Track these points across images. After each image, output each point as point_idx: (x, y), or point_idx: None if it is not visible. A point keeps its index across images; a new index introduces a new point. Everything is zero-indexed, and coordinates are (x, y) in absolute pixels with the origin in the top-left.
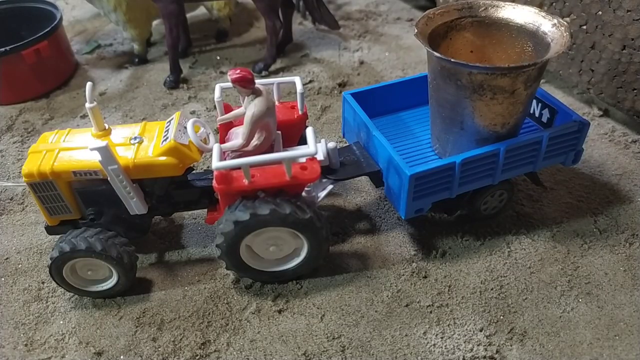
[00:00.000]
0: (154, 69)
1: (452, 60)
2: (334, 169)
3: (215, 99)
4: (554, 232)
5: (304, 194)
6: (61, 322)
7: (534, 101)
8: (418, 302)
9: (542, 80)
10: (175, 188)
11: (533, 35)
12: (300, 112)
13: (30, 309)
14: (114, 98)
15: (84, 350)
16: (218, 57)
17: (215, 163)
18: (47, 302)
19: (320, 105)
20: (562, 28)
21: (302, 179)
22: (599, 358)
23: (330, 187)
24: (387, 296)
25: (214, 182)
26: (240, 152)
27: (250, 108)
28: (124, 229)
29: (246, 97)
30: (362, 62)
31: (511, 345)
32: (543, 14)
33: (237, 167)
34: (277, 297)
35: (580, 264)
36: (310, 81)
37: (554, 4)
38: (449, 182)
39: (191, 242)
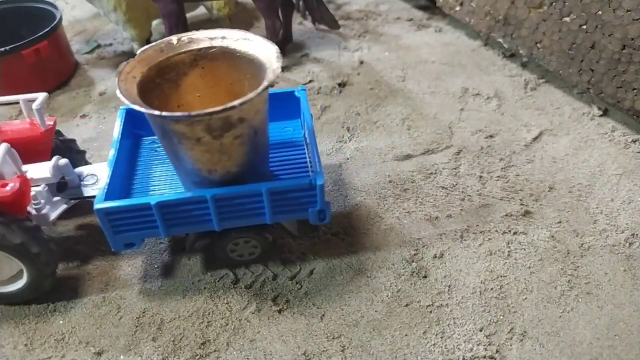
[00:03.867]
0: None
1: (121, 94)
2: (71, 186)
3: None
4: (553, 232)
5: (33, 212)
6: (61, 322)
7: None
8: (418, 302)
9: (536, 84)
10: None
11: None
12: (43, 128)
13: (30, 309)
14: (113, 98)
15: (84, 350)
16: None
17: None
18: (47, 302)
19: (320, 105)
20: (271, 76)
21: None
22: (599, 358)
23: (64, 206)
24: (387, 296)
25: None
26: None
27: None
28: None
29: None
30: (362, 62)
31: (511, 345)
32: (278, 54)
33: None
34: (277, 297)
35: (580, 264)
36: (310, 81)
37: (553, 3)
38: (154, 222)
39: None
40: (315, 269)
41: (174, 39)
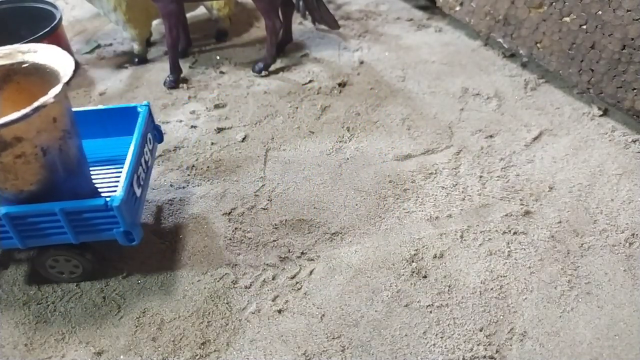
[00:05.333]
0: (153, 68)
1: None
2: None
3: None
4: (553, 232)
5: None
6: (61, 322)
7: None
8: (418, 302)
9: (536, 84)
10: None
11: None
12: None
13: (30, 309)
14: (113, 98)
15: (84, 350)
16: (218, 57)
17: None
18: (47, 302)
19: (320, 105)
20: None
21: None
22: (599, 358)
23: None
24: (387, 296)
25: None
26: None
27: None
28: None
29: None
30: (362, 62)
31: (511, 345)
32: (70, 73)
33: None
34: (277, 297)
35: (580, 264)
36: (310, 81)
37: (553, 3)
38: None
39: (190, 242)
40: (315, 269)
41: None
